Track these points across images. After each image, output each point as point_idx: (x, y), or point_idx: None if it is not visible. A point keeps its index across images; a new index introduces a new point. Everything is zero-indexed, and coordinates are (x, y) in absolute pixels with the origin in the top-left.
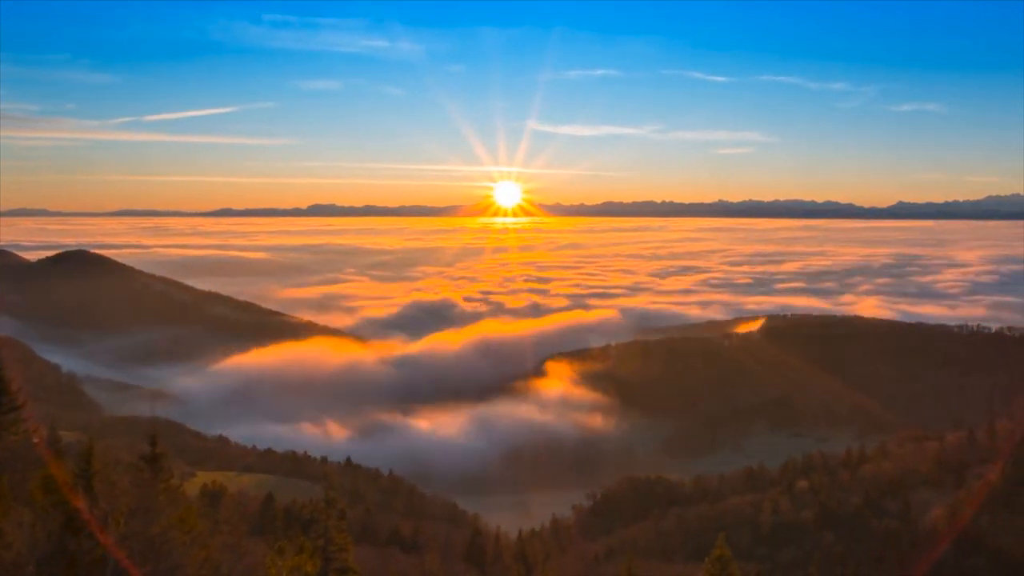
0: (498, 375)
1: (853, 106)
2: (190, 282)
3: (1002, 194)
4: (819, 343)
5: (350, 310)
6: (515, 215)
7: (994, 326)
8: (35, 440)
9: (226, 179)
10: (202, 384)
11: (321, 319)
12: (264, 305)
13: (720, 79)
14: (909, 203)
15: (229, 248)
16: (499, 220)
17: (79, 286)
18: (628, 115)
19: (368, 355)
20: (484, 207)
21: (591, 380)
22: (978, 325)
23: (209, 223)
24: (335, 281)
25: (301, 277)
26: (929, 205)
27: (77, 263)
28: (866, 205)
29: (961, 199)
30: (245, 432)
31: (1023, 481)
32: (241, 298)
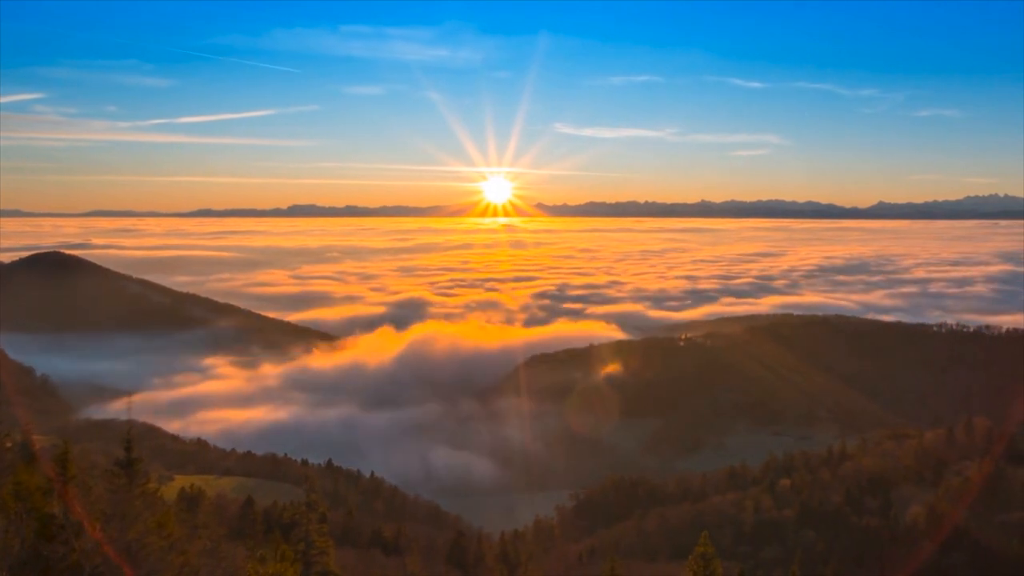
0: (479, 376)
1: (876, 112)
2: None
3: (981, 194)
4: (800, 342)
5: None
6: (497, 215)
7: (972, 325)
8: (8, 444)
9: (214, 179)
10: (179, 386)
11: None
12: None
13: (757, 85)
14: (889, 203)
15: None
16: (483, 220)
17: (52, 288)
18: (651, 119)
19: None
20: (467, 206)
21: (573, 381)
22: (956, 323)
23: (183, 223)
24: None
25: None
26: (909, 205)
27: (50, 265)
28: (847, 205)
29: (940, 199)
30: (222, 434)
31: (1002, 477)
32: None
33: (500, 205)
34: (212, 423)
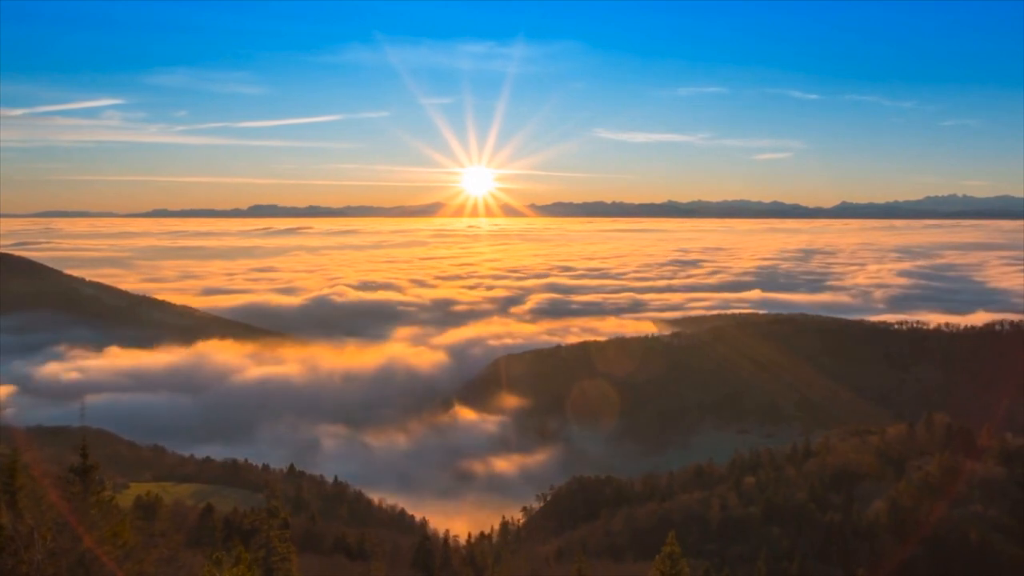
0: (447, 377)
1: (905, 121)
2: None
3: (940, 194)
4: (764, 341)
5: None
6: (476, 214)
7: (932, 323)
8: None
9: (186, 180)
10: (138, 391)
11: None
12: None
13: (813, 97)
14: (852, 203)
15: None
16: (451, 220)
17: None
18: (691, 125)
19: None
20: (433, 206)
21: (540, 381)
22: (917, 322)
23: (134, 223)
24: None
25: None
26: (871, 205)
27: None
28: (811, 205)
29: (901, 199)
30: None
31: (961, 471)
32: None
33: (470, 205)
34: (169, 429)
